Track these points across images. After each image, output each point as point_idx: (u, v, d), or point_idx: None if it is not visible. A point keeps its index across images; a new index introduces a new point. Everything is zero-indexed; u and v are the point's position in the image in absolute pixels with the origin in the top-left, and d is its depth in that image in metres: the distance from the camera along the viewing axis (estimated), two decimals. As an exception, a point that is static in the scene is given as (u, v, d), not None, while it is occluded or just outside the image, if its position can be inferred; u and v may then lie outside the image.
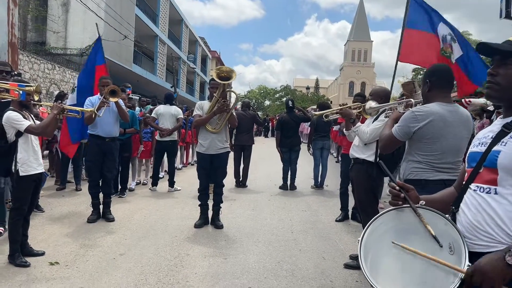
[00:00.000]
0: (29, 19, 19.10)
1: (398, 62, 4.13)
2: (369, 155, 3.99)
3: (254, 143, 8.46)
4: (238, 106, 9.40)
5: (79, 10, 17.97)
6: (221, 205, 5.33)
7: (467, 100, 9.94)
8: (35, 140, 3.93)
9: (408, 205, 1.54)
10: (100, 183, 5.42)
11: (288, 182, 8.05)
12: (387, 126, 2.86)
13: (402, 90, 9.93)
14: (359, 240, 1.52)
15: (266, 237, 4.82)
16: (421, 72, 48.00)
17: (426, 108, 2.54)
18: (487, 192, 1.44)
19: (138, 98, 16.91)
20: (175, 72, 30.81)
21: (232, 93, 5.39)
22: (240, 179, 8.13)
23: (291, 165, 8.08)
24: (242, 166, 8.18)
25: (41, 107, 6.38)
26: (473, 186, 1.50)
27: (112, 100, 5.13)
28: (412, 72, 49.06)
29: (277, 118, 28.81)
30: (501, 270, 1.26)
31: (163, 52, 30.17)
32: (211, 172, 5.22)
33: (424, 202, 1.57)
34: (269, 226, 5.32)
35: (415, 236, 1.47)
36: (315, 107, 29.31)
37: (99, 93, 5.44)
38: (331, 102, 70.05)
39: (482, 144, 1.55)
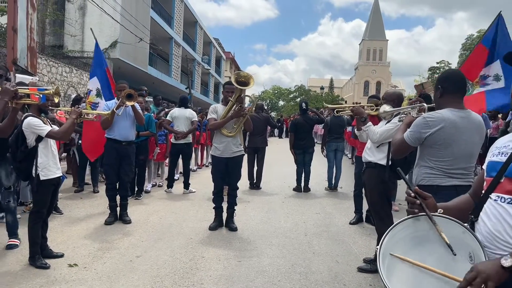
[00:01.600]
0: (47, 23, 19.45)
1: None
2: (381, 159, 3.99)
3: (267, 145, 8.50)
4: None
5: (96, 13, 18.25)
6: (235, 207, 5.39)
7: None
8: (53, 145, 4.04)
9: (424, 213, 1.54)
10: (117, 186, 5.53)
11: (302, 184, 8.07)
12: (399, 131, 2.87)
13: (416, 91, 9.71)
14: (377, 249, 1.53)
15: (280, 240, 4.86)
16: (438, 72, 47.47)
17: (438, 114, 2.55)
18: (508, 202, 1.45)
19: (151, 98, 17.14)
20: (190, 73, 31.06)
21: (248, 97, 5.43)
22: (254, 181, 8.18)
23: (304, 167, 8.09)
24: (256, 168, 8.22)
25: (58, 111, 6.53)
26: (493, 196, 1.51)
27: (129, 103, 5.24)
28: (428, 71, 48.59)
29: (291, 118, 28.80)
30: (496, 271, 1.26)
31: (178, 54, 30.42)
32: (225, 175, 5.28)
33: (442, 211, 1.57)
34: (282, 229, 5.36)
35: (430, 244, 1.48)
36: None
37: (116, 98, 5.55)
38: (345, 102, 69.52)
39: (503, 154, 1.56)
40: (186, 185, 7.46)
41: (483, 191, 1.59)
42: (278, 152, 14.08)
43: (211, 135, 5.81)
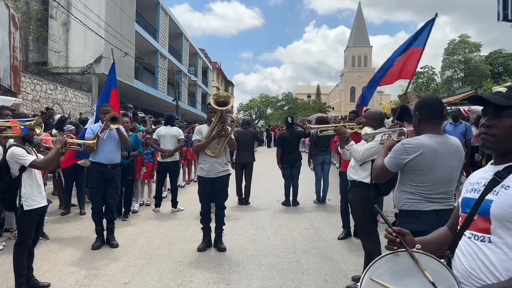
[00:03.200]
0: (30, 40, 19.34)
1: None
2: (365, 177, 4.05)
3: (255, 160, 8.52)
4: (240, 116, 9.46)
5: (80, 29, 18.24)
6: (224, 227, 5.39)
7: (465, 108, 10.00)
8: (38, 174, 4.01)
9: (405, 249, 1.57)
10: (103, 210, 5.49)
11: (291, 198, 8.09)
12: (380, 155, 2.92)
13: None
14: (358, 286, 1.56)
15: (269, 260, 4.86)
16: (421, 76, 48.21)
17: (416, 141, 2.60)
18: (481, 240, 1.48)
19: (142, 114, 17.06)
20: (177, 85, 31.03)
21: (230, 117, 5.45)
22: (243, 197, 8.18)
23: (292, 180, 8.12)
24: (244, 183, 8.23)
25: (44, 133, 6.48)
26: (467, 233, 1.54)
27: (114, 126, 5.23)
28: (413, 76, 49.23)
29: (279, 130, 28.84)
30: None
31: (164, 66, 30.42)
32: (212, 195, 5.29)
33: (420, 246, 1.60)
34: (271, 247, 5.36)
35: (412, 279, 1.51)
36: (310, 118, 29.33)
37: (100, 121, 5.53)
38: (332, 108, 70.08)
39: (475, 190, 1.59)
40: (174, 203, 7.43)
41: (458, 227, 1.63)
42: (267, 164, 14.08)
43: (198, 156, 5.81)
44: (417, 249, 1.58)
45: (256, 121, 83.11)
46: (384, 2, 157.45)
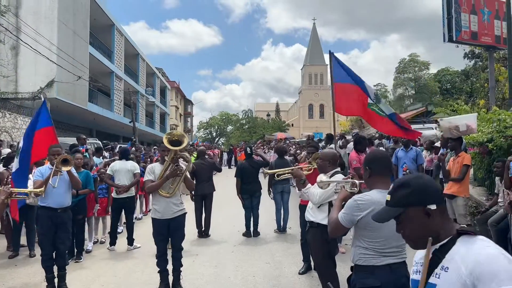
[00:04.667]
0: (-24, 65, 18.42)
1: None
2: (323, 218, 4.07)
3: (215, 190, 8.42)
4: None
5: (30, 53, 17.50)
6: (182, 268, 5.24)
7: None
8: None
9: None
10: (54, 255, 5.19)
11: (251, 229, 8.03)
12: (335, 207, 2.94)
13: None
14: None
15: (229, 303, 4.76)
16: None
17: (367, 197, 2.65)
18: None
19: (96, 140, 16.56)
20: (133, 106, 30.44)
21: (183, 158, 5.31)
22: (203, 229, 8.03)
23: (253, 211, 8.07)
24: (204, 215, 8.09)
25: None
26: None
27: (65, 169, 5.01)
28: (367, 93, 51.08)
29: (241, 149, 28.79)
30: None
31: (120, 88, 29.82)
32: (168, 236, 5.14)
33: None
34: (232, 287, 5.26)
35: None
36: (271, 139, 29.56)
37: (49, 163, 5.28)
38: (292, 125, 71.09)
39: (418, 272, 1.64)
40: (130, 241, 7.16)
41: None
42: (227, 188, 13.95)
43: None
44: None
45: (217, 139, 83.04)
46: (337, 21, 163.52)
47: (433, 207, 1.57)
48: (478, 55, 31.56)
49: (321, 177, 3.48)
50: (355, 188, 3.00)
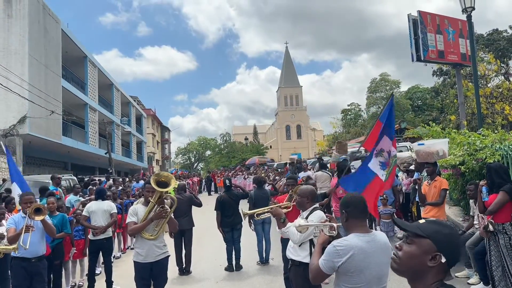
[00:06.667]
0: None
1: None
2: (304, 257, 4.08)
3: (194, 225, 8.30)
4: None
5: (0, 89, 17.20)
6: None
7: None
8: None
9: None
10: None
11: (233, 262, 7.92)
12: (315, 253, 2.95)
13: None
14: None
15: None
16: (349, 113, 51.01)
17: (346, 242, 2.67)
18: None
19: (71, 175, 16.18)
20: (109, 137, 30.06)
21: (168, 199, 5.24)
22: (183, 266, 7.86)
23: (234, 244, 7.98)
24: (184, 251, 7.94)
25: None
26: None
27: (38, 219, 4.88)
28: (341, 113, 52.09)
29: (221, 172, 28.62)
30: None
31: (94, 119, 29.46)
32: (150, 280, 5.01)
33: None
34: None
35: None
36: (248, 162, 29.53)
37: (21, 211, 5.13)
38: (270, 147, 71.33)
39: None
40: (109, 284, 6.93)
41: None
42: (206, 219, 13.77)
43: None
44: None
45: (195, 164, 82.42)
46: (309, 43, 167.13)
47: (443, 259, 1.59)
48: (446, 72, 32.75)
49: (299, 221, 3.48)
50: (334, 232, 3.02)
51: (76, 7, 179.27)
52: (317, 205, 4.25)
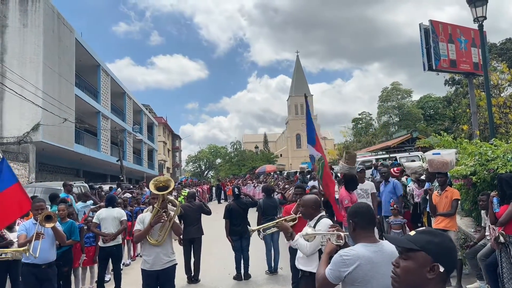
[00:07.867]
0: (-41, 111, 18.33)
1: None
2: (315, 267, 4.04)
3: (203, 234, 8.31)
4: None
5: (15, 97, 17.48)
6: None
7: (395, 169, 10.50)
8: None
9: None
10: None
11: (242, 271, 7.90)
12: (322, 262, 2.94)
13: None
14: None
15: None
16: (360, 122, 50.81)
17: (353, 252, 2.66)
18: None
19: (83, 183, 16.34)
20: (121, 144, 30.32)
21: (171, 203, 5.29)
22: (192, 274, 7.86)
23: (243, 252, 7.96)
24: (193, 259, 7.95)
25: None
26: None
27: (48, 226, 4.94)
28: (352, 122, 51.90)
29: (231, 180, 28.64)
30: None
31: (107, 127, 29.77)
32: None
33: None
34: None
35: None
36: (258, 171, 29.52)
37: (32, 217, 5.20)
38: (280, 155, 71.33)
39: None
40: (118, 291, 6.98)
41: None
42: (216, 227, 13.78)
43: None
44: None
45: (206, 172, 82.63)
46: (320, 52, 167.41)
47: (442, 269, 1.58)
48: (459, 81, 32.45)
49: (307, 230, 3.48)
50: (341, 241, 3.01)
51: (90, 17, 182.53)
52: (323, 213, 4.24)
